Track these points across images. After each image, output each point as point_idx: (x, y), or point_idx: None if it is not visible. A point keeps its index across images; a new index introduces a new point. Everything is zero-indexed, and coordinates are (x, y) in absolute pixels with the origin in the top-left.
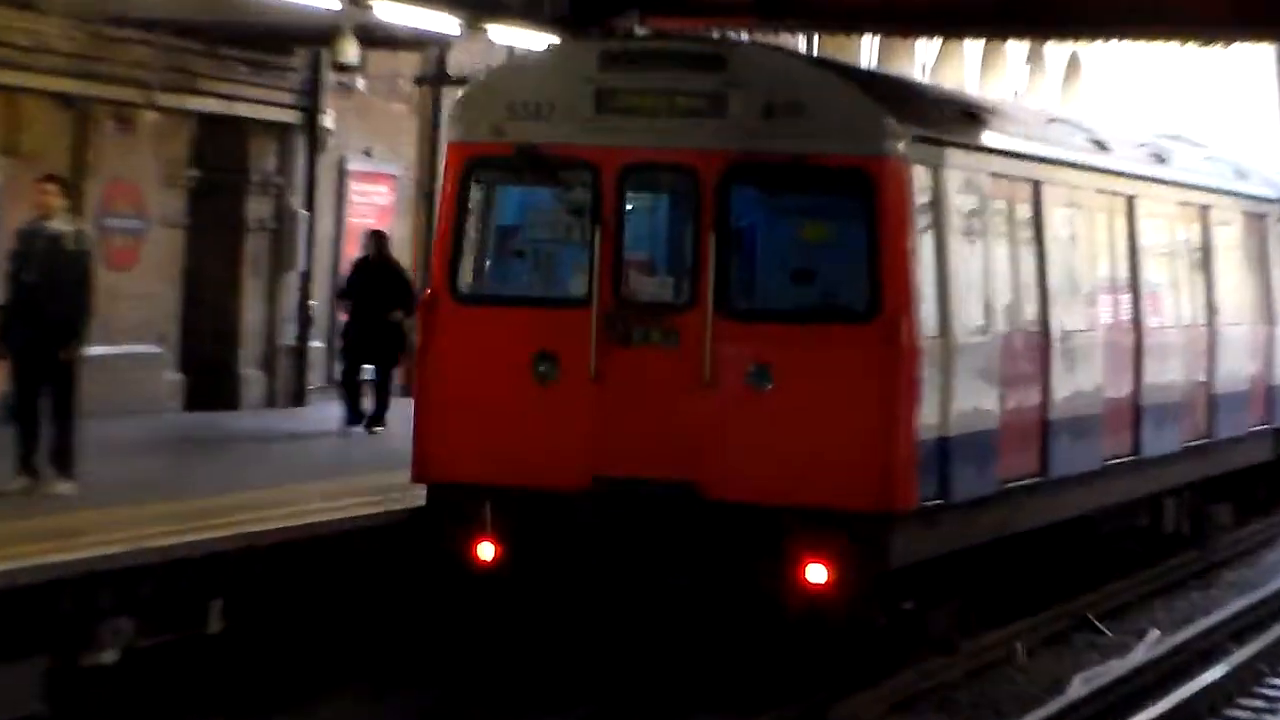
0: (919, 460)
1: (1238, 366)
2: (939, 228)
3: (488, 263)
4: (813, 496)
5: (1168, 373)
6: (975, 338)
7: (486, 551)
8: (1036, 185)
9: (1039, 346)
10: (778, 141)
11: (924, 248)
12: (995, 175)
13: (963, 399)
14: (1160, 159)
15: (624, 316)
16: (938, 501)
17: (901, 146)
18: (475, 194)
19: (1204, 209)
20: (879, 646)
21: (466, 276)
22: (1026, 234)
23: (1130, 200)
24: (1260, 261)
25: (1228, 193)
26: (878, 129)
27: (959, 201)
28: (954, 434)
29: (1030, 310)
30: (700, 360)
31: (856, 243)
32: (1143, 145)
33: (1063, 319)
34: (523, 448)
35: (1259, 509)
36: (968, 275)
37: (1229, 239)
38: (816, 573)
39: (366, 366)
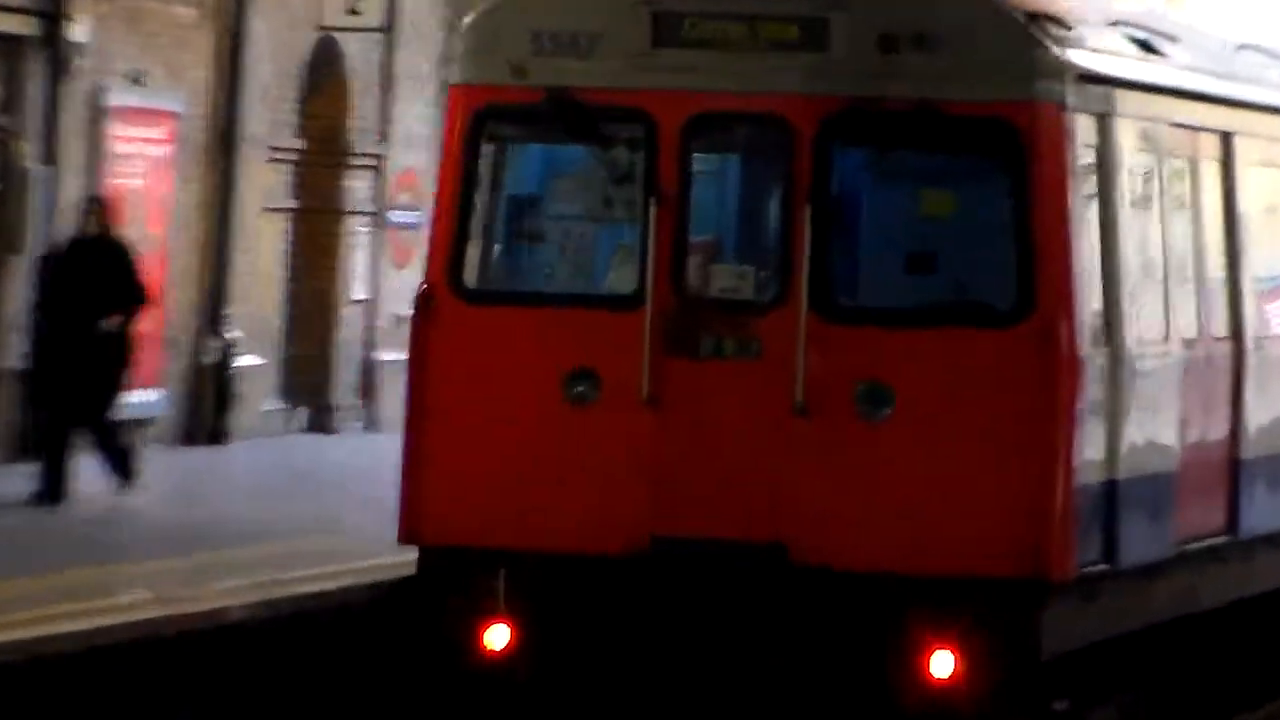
0: (1081, 512)
1: None
2: (1109, 199)
3: (503, 248)
4: (941, 562)
5: None
6: (1153, 348)
7: (499, 638)
8: (1228, 139)
9: (1231, 359)
10: (897, 83)
11: (1089, 226)
12: (1180, 126)
13: (1135, 430)
14: None
15: (688, 320)
16: (1102, 567)
17: (1063, 88)
18: (487, 156)
19: None
20: None
21: (475, 267)
22: (1216, 206)
23: None
24: None
25: None
26: (1035, 66)
27: (1135, 162)
28: (1123, 477)
29: (1220, 310)
30: (791, 378)
31: (1001, 218)
32: None
33: (1262, 322)
34: (551, 498)
35: None
36: (1145, 263)
37: None
38: (942, 662)
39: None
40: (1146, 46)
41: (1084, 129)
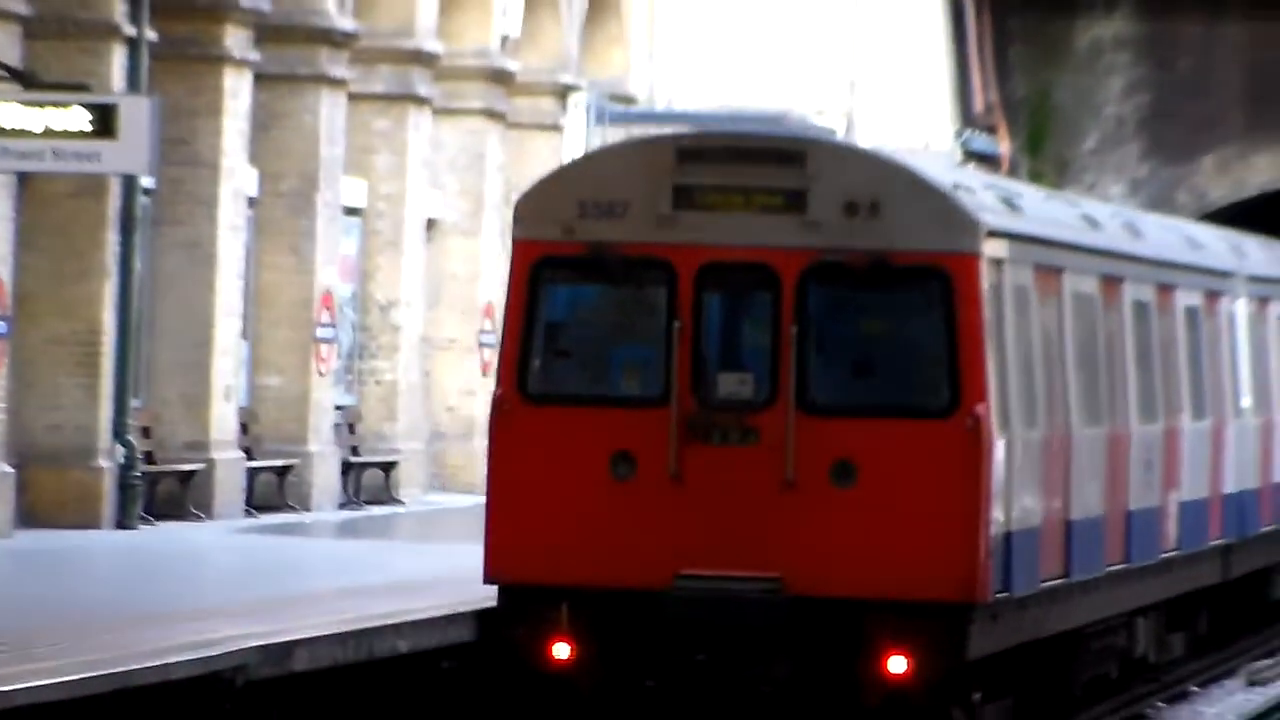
0: (993, 552)
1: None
2: (1004, 324)
3: (557, 362)
4: (895, 589)
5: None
6: (1027, 435)
7: (562, 651)
8: (1060, 273)
9: (1065, 444)
10: (857, 239)
11: (996, 344)
12: (1043, 266)
13: (1020, 496)
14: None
15: (703, 415)
16: (1004, 594)
17: (977, 242)
18: (543, 293)
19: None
20: None
21: (536, 377)
22: (1064, 327)
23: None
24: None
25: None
26: (957, 227)
27: (1018, 295)
28: (1014, 530)
29: (1064, 406)
30: (782, 458)
31: (935, 339)
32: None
33: (1084, 418)
34: (600, 547)
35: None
36: (1023, 370)
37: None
38: (897, 663)
39: None
40: (1009, 203)
41: (989, 272)
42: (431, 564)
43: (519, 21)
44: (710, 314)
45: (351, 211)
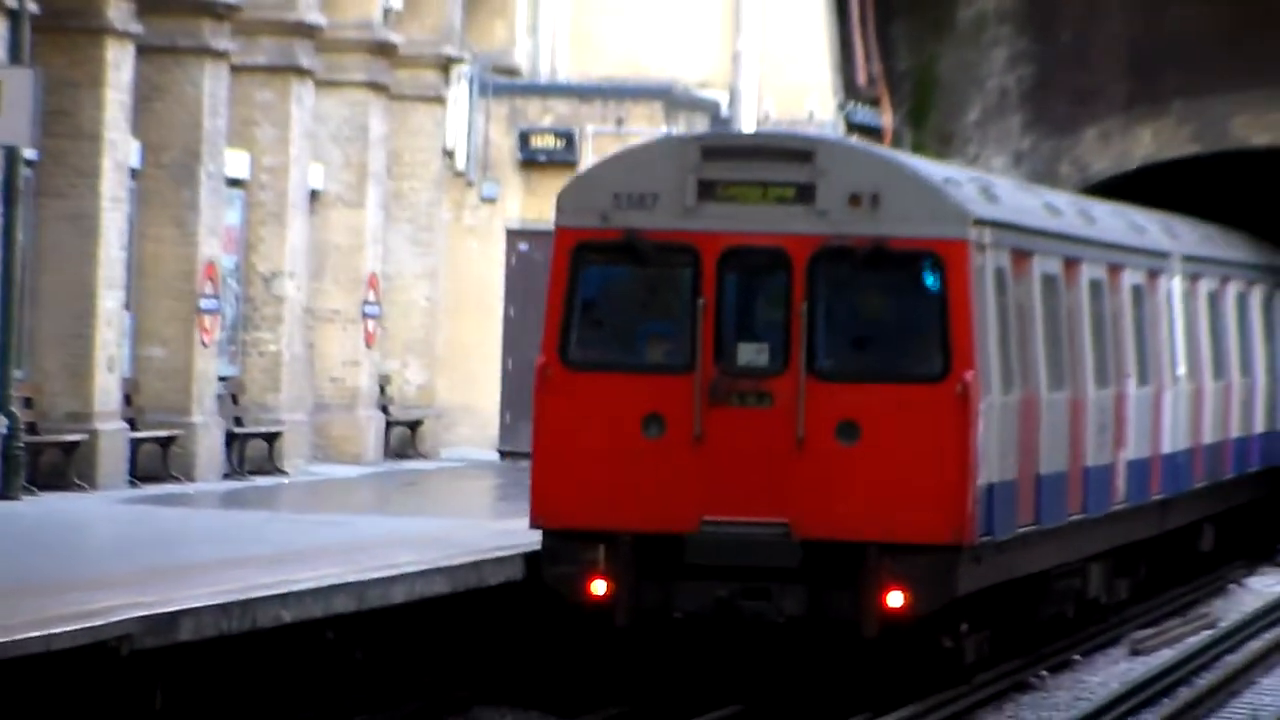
0: (978, 501)
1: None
2: (987, 301)
3: (592, 334)
4: (892, 533)
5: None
6: (1005, 399)
7: (599, 588)
8: (1030, 255)
9: (1030, 406)
10: (860, 226)
11: (981, 317)
12: (1019, 250)
13: (998, 452)
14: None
15: (724, 381)
16: (986, 538)
17: (965, 229)
18: (582, 275)
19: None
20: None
21: (576, 347)
22: (1038, 301)
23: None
24: None
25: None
26: (948, 216)
27: (999, 275)
28: (995, 480)
29: (1038, 371)
30: (794, 418)
31: (929, 314)
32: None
33: (1052, 382)
34: (633, 498)
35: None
36: (1002, 340)
37: None
38: (895, 598)
39: None
40: (988, 194)
41: (975, 255)
42: (315, 534)
43: None
44: (730, 292)
45: (234, 183)
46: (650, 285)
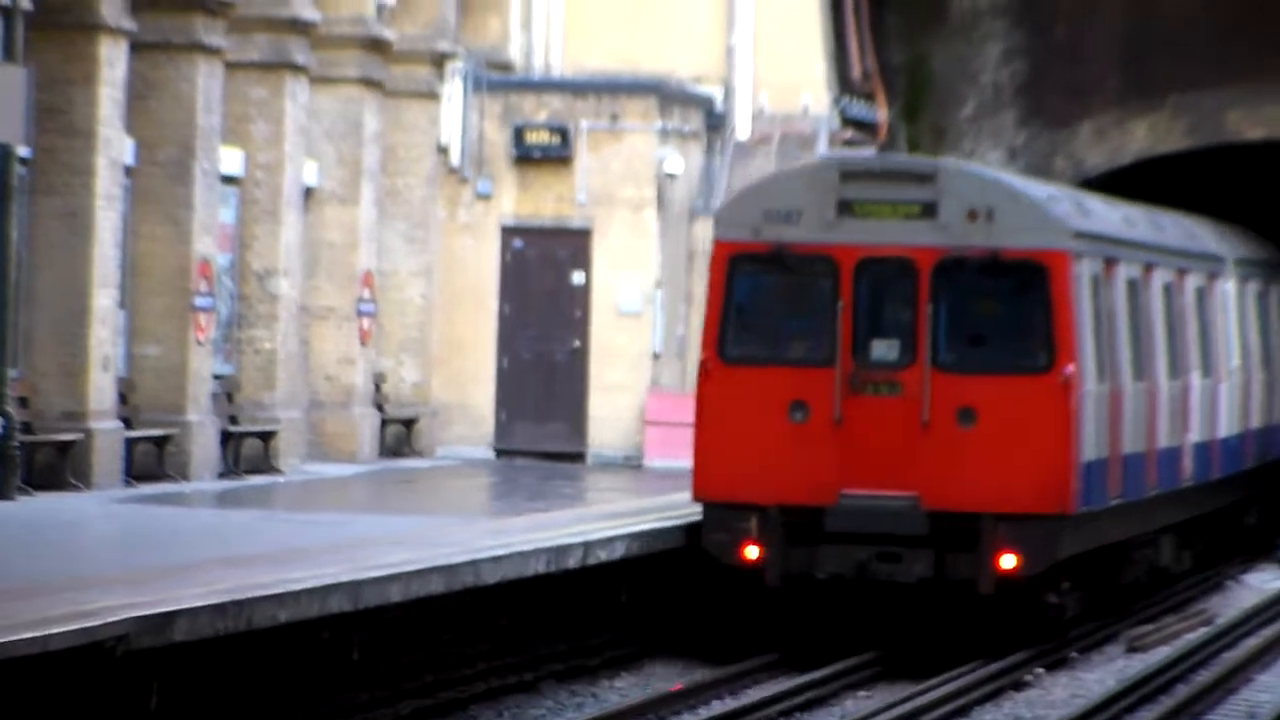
0: (1078, 476)
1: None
2: (1085, 303)
3: (749, 333)
4: (1005, 504)
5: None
6: (1102, 388)
7: (752, 553)
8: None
9: (1115, 395)
10: (976, 238)
11: (1081, 317)
12: (1111, 260)
13: (1095, 434)
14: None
15: (860, 373)
16: (1085, 509)
17: (1066, 241)
18: (737, 281)
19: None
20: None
21: (732, 344)
22: (1130, 307)
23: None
24: None
25: None
26: (1052, 229)
27: (1096, 280)
28: (1092, 459)
29: (1129, 367)
30: (920, 405)
31: (1037, 315)
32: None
33: (1139, 372)
34: (781, 474)
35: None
36: (1098, 338)
37: None
38: (1007, 560)
39: None
40: (1082, 209)
41: (1074, 264)
42: (310, 533)
43: None
44: (864, 296)
45: (229, 180)
46: (795, 290)
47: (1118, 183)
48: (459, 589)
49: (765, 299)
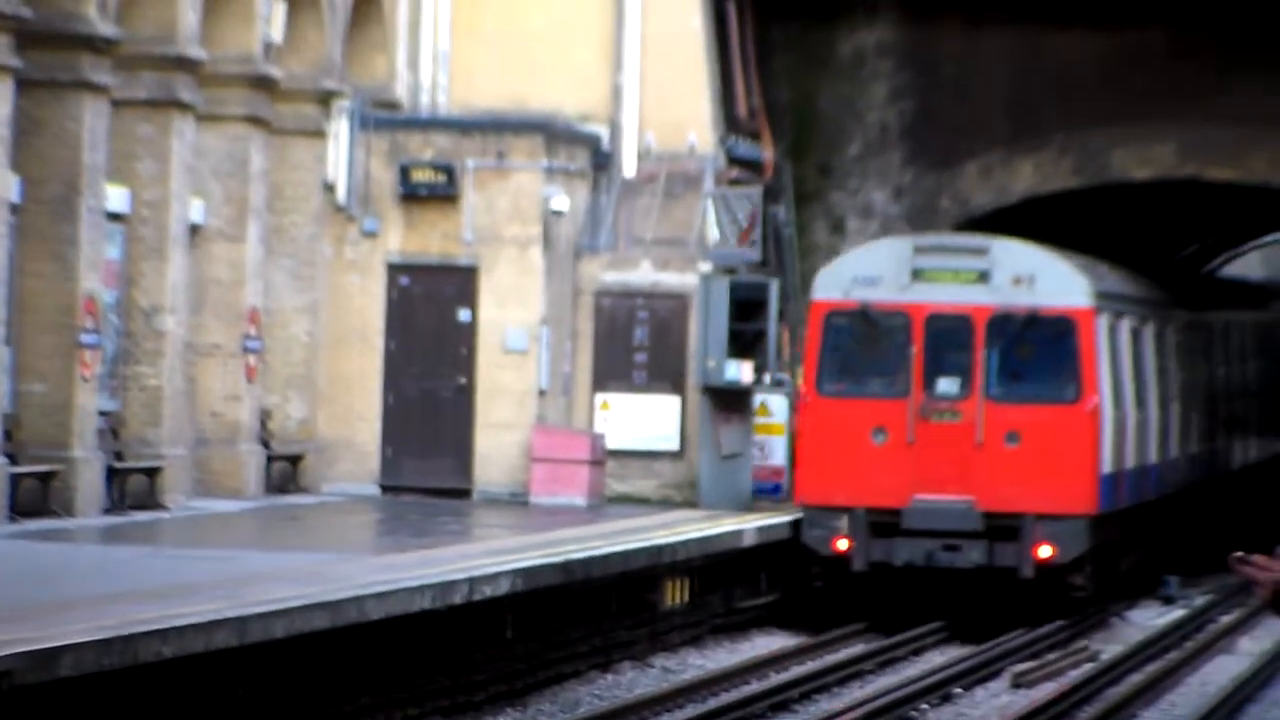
0: (1101, 484)
1: None
2: (1107, 347)
3: (838, 372)
4: (1044, 506)
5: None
6: (1120, 414)
7: (841, 545)
8: (1148, 317)
9: (1125, 419)
10: (1021, 299)
11: (1103, 360)
12: (1122, 315)
13: (1113, 451)
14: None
15: (929, 404)
16: (1105, 509)
17: (1090, 299)
18: (831, 332)
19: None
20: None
21: (826, 381)
22: (1140, 350)
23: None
24: None
25: None
26: (1080, 291)
27: (1111, 331)
28: (1110, 471)
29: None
30: (975, 429)
31: (1068, 359)
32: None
33: (1152, 401)
34: (866, 483)
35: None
36: (1116, 376)
37: None
38: (1044, 551)
39: None
40: (1098, 274)
41: (1096, 318)
42: (196, 569)
43: (282, 28)
44: (931, 343)
45: (115, 218)
46: (876, 338)
47: (1005, 221)
48: (344, 625)
49: (852, 345)
